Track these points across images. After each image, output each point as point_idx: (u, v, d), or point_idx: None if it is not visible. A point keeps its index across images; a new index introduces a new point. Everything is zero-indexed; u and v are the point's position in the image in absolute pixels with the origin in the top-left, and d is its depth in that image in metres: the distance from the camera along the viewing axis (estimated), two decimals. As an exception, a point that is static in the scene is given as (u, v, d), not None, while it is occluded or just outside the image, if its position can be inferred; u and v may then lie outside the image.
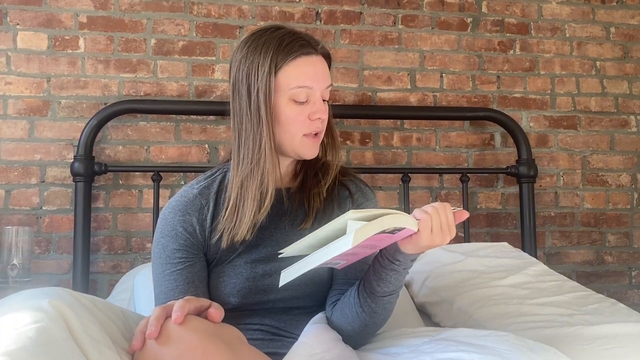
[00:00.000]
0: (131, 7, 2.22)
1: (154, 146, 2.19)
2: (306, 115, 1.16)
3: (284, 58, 1.14)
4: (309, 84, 1.15)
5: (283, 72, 1.14)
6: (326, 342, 1.08)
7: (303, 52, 1.16)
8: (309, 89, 1.15)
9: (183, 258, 1.17)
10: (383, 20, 2.39)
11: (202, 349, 0.86)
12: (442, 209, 1.01)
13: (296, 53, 1.15)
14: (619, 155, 2.51)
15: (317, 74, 1.17)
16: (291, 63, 1.15)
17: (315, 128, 1.18)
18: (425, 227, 0.99)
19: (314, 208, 1.22)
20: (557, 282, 1.70)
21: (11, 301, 0.92)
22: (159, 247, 1.19)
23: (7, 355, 0.73)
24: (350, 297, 1.14)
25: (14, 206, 2.09)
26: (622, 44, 2.56)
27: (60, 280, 2.07)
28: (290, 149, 1.18)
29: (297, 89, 1.14)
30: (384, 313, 1.14)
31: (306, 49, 1.16)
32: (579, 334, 1.28)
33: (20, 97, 2.13)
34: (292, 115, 1.15)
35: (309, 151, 1.19)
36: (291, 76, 1.14)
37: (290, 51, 1.15)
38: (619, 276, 2.46)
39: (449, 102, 2.40)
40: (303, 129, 1.17)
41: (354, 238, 0.88)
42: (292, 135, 1.17)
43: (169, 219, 1.19)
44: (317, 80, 1.17)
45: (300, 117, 1.16)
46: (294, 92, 1.14)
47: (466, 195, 2.27)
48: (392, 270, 1.07)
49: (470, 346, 1.01)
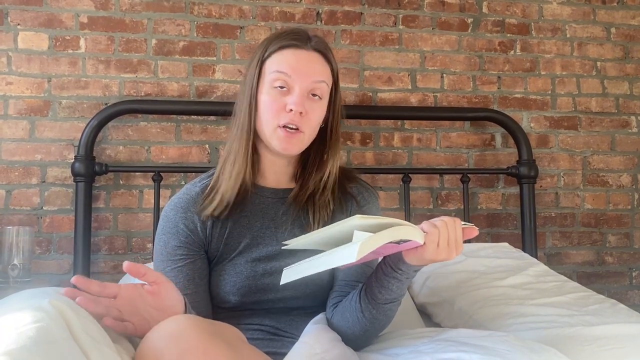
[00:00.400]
0: (132, 8, 2.22)
1: (154, 146, 2.19)
2: (282, 104, 1.17)
3: (274, 47, 1.19)
4: (287, 71, 1.17)
5: (269, 60, 1.19)
6: (326, 342, 1.08)
7: (292, 45, 1.19)
8: (286, 76, 1.17)
9: (184, 255, 1.18)
10: (384, 20, 2.39)
11: (203, 348, 0.86)
12: (451, 223, 0.98)
13: (285, 43, 1.19)
14: (619, 155, 2.51)
15: (300, 64, 1.17)
16: (278, 52, 1.19)
17: (289, 120, 1.16)
18: (432, 241, 0.96)
19: (318, 212, 1.22)
20: (558, 283, 1.70)
21: (11, 301, 0.92)
22: (160, 243, 1.20)
23: (8, 355, 0.73)
24: (352, 302, 1.14)
25: (14, 206, 2.09)
26: (622, 45, 2.56)
27: (61, 281, 2.07)
28: (267, 139, 1.20)
29: (275, 73, 1.17)
30: (384, 319, 1.14)
31: (297, 42, 1.19)
32: (579, 334, 1.28)
33: (21, 97, 2.13)
34: (269, 101, 1.17)
35: (280, 144, 1.18)
36: (274, 62, 1.18)
37: (280, 41, 1.19)
38: (620, 277, 2.46)
39: (449, 103, 2.40)
40: (278, 119, 1.17)
41: (359, 250, 0.85)
42: (267, 123, 1.18)
43: (171, 216, 1.21)
44: (298, 70, 1.17)
45: (275, 104, 1.17)
46: (272, 76, 1.18)
47: (467, 196, 2.27)
48: (394, 279, 1.06)
49: (471, 346, 1.01)
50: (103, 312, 0.94)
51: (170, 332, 0.89)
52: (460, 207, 2.34)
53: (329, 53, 1.24)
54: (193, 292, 1.17)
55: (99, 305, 0.94)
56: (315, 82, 1.19)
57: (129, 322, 0.97)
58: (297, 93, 1.17)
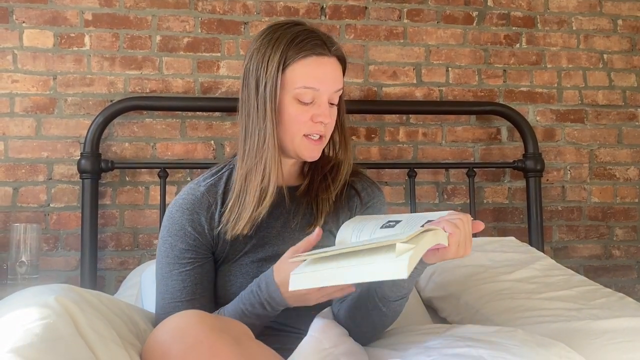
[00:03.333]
0: (136, 4, 2.22)
1: (160, 143, 2.19)
2: (309, 116, 1.14)
3: (294, 55, 1.12)
4: (316, 86, 1.13)
5: (291, 70, 1.12)
6: (335, 337, 1.07)
7: (315, 52, 1.13)
8: (315, 91, 1.13)
9: (192, 259, 1.15)
10: (388, 14, 2.38)
11: (209, 343, 0.86)
12: (466, 220, 0.96)
13: (307, 52, 1.12)
14: (626, 148, 2.50)
15: (326, 76, 1.14)
16: (300, 61, 1.12)
17: (316, 130, 1.15)
18: (455, 241, 0.94)
19: (323, 210, 1.21)
20: (565, 277, 1.69)
21: (18, 298, 0.93)
22: (165, 245, 1.17)
23: (15, 352, 0.73)
24: (360, 300, 1.13)
25: (21, 203, 2.10)
26: (629, 37, 2.54)
27: (68, 277, 2.08)
28: (290, 148, 1.17)
29: (303, 89, 1.12)
30: (393, 315, 1.14)
31: (319, 49, 1.13)
32: (586, 328, 1.27)
33: (27, 94, 2.14)
34: (295, 114, 1.13)
35: (308, 153, 1.17)
36: (298, 75, 1.12)
37: (301, 49, 1.12)
38: (627, 270, 2.45)
39: (455, 97, 2.39)
40: (304, 129, 1.14)
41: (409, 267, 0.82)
42: (293, 134, 1.15)
43: (177, 218, 1.17)
44: (325, 82, 1.13)
45: (302, 117, 1.14)
46: (299, 91, 1.12)
47: (472, 190, 2.26)
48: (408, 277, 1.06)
49: (478, 342, 1.01)
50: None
51: (177, 328, 0.89)
52: (466, 202, 2.34)
53: (344, 58, 1.21)
54: (201, 296, 1.15)
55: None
56: (337, 91, 1.17)
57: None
58: (324, 104, 1.14)
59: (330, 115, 1.16)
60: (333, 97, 1.17)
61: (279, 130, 1.15)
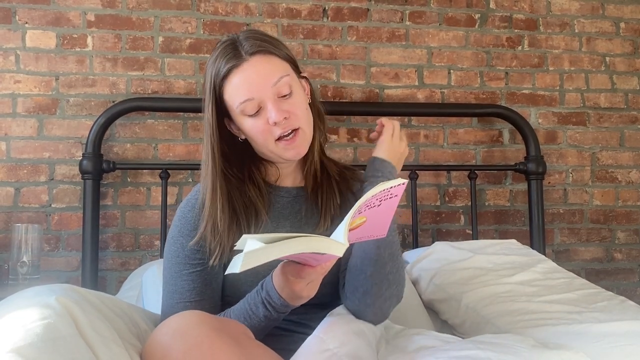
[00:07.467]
0: (139, 5, 2.23)
1: (161, 144, 2.20)
2: (265, 122, 1.13)
3: (220, 81, 1.14)
4: (249, 96, 1.12)
5: (225, 93, 1.15)
6: (341, 335, 1.04)
7: (231, 66, 1.12)
8: (251, 101, 1.12)
9: (202, 259, 1.14)
10: (390, 16, 2.39)
11: (210, 344, 0.86)
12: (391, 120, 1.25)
13: (226, 70, 1.13)
14: (628, 151, 2.49)
15: (252, 81, 1.12)
16: (226, 82, 1.14)
17: (280, 131, 1.13)
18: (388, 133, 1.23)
19: (328, 209, 1.21)
20: (566, 280, 1.68)
21: (19, 298, 0.93)
22: (176, 245, 1.16)
23: (15, 352, 0.74)
24: (357, 271, 1.14)
25: (23, 204, 2.10)
26: (632, 39, 2.54)
27: (69, 278, 2.09)
28: (272, 156, 1.18)
29: (241, 104, 1.12)
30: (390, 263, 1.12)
31: (233, 61, 1.12)
32: (588, 331, 1.27)
33: (29, 95, 2.14)
34: (252, 127, 1.14)
35: (289, 153, 1.15)
36: (230, 95, 1.14)
37: (220, 70, 1.14)
38: (629, 273, 2.44)
39: (456, 99, 2.39)
40: (270, 136, 1.13)
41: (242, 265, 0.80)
42: (264, 144, 1.15)
43: (189, 217, 1.16)
44: (254, 87, 1.12)
45: (260, 127, 1.13)
46: (241, 107, 1.13)
47: (474, 193, 2.26)
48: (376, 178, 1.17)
49: (487, 344, 1.01)
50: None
51: (177, 328, 0.89)
52: (467, 204, 2.33)
53: (267, 45, 1.15)
54: (209, 297, 1.15)
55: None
56: (276, 84, 1.13)
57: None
58: (269, 106, 1.12)
59: (287, 107, 1.13)
60: (278, 91, 1.13)
61: (255, 146, 1.18)
